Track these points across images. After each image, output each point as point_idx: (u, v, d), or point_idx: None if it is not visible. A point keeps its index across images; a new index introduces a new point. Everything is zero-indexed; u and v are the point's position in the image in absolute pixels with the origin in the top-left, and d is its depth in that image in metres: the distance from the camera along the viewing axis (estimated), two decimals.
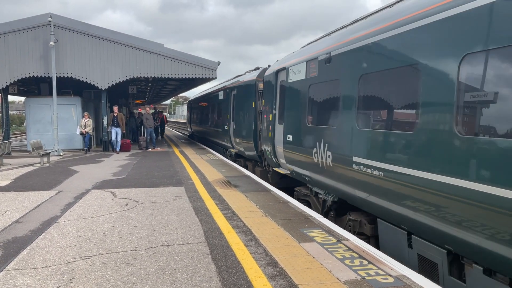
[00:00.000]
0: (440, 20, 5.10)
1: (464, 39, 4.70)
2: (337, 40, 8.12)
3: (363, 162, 6.61)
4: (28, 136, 22.00)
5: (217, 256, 5.54)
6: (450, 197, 4.80)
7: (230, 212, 7.97)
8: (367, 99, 6.96)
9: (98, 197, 9.58)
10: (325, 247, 5.80)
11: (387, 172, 5.98)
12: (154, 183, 11.48)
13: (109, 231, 6.78)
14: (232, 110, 18.14)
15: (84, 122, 20.96)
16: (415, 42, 5.59)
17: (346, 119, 7.35)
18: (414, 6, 5.82)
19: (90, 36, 21.00)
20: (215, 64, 22.19)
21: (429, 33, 5.29)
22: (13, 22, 20.60)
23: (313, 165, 8.68)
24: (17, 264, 5.37)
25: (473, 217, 4.53)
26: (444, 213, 4.96)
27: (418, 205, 5.41)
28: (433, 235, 5.33)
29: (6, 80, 20.39)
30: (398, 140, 5.90)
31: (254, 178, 12.26)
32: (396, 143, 5.96)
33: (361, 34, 7.03)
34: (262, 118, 13.42)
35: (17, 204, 8.98)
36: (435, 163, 5.06)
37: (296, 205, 8.50)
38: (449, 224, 4.90)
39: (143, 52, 21.39)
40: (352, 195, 7.25)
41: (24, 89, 27.60)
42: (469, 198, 4.53)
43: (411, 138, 5.57)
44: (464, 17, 4.70)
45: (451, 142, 4.83)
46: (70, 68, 20.88)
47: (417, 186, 5.36)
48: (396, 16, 6.19)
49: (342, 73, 7.66)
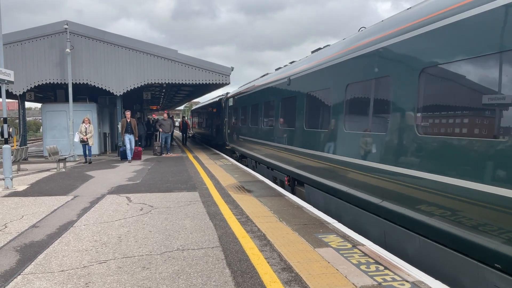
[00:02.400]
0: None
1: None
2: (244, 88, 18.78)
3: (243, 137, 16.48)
4: (44, 142, 22.27)
5: (232, 261, 5.53)
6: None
7: (244, 217, 7.96)
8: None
9: (113, 202, 9.65)
10: (340, 252, 5.76)
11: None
12: (168, 188, 11.54)
13: (125, 236, 6.82)
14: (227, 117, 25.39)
15: (84, 128, 18.45)
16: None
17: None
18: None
19: (105, 43, 21.27)
20: (228, 69, 22.29)
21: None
22: (30, 29, 20.97)
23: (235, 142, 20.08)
24: (34, 268, 5.43)
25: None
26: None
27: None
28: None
29: (23, 86, 20.74)
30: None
31: (268, 183, 12.26)
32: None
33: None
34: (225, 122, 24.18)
35: (34, 208, 9.09)
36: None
37: (310, 210, 8.46)
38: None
39: (158, 58, 21.58)
40: (239, 150, 18.31)
41: (41, 96, 28.02)
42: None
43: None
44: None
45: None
46: (85, 74, 21.15)
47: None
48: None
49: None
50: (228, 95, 23.94)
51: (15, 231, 7.24)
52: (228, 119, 23.34)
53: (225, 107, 24.58)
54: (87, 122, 18.58)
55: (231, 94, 23.07)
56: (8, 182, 11.84)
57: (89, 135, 18.44)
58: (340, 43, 9.37)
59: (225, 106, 24.31)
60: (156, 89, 29.85)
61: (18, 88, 20.44)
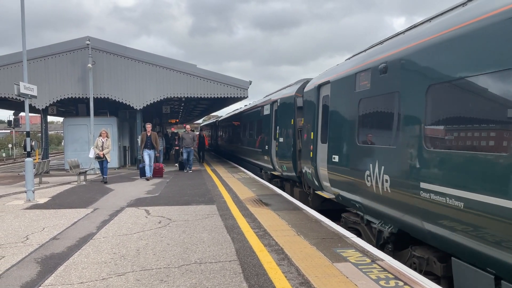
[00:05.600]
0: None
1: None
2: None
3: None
4: (65, 155, 22.64)
5: (249, 274, 5.51)
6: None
7: (262, 230, 7.94)
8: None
9: (132, 215, 9.74)
10: (359, 267, 5.69)
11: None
12: (186, 201, 11.59)
13: (143, 248, 6.86)
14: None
15: (101, 142, 16.09)
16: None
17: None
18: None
19: (126, 58, 21.65)
20: (246, 83, 22.43)
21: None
22: (53, 45, 21.53)
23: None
24: (54, 279, 5.49)
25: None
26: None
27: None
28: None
29: (46, 101, 21.21)
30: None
31: (286, 196, 12.21)
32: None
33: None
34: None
35: (54, 221, 9.22)
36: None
37: (328, 224, 8.39)
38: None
39: (177, 73, 21.85)
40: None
41: (63, 110, 28.58)
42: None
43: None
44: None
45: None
46: (106, 89, 21.53)
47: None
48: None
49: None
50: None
51: (36, 243, 7.35)
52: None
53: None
54: (104, 136, 16.24)
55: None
56: (30, 195, 12.06)
57: (105, 150, 16.01)
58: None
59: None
60: (175, 103, 30.17)
61: (41, 102, 20.89)
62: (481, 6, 5.19)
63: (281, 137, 15.22)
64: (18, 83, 11.92)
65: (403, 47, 6.81)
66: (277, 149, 15.58)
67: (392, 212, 6.86)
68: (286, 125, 14.73)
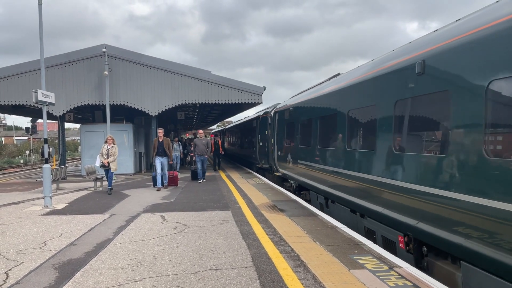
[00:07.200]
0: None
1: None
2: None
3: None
4: (82, 161, 22.90)
5: (265, 281, 5.49)
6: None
7: (278, 236, 7.91)
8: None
9: (148, 221, 9.79)
10: (376, 275, 5.63)
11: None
12: (201, 207, 11.62)
13: (159, 254, 6.89)
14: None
15: (106, 150, 14.89)
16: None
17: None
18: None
19: (141, 65, 21.89)
20: (260, 89, 22.48)
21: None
22: (70, 53, 21.86)
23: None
24: (71, 285, 5.54)
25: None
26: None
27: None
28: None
29: (63, 108, 21.53)
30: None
31: (301, 202, 12.16)
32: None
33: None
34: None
35: (72, 227, 9.31)
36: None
37: (345, 231, 8.33)
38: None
39: (192, 79, 22.01)
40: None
41: (79, 117, 28.96)
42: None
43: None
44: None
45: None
46: (122, 96, 21.77)
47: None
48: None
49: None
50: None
51: (54, 248, 7.43)
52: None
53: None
54: (110, 142, 15.04)
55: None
56: (48, 201, 12.21)
57: (111, 158, 14.78)
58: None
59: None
60: (189, 109, 30.36)
61: (58, 109, 21.22)
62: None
63: (261, 142, 22.83)
64: (36, 91, 12.11)
65: (302, 99, 14.64)
66: (259, 149, 23.21)
67: (294, 176, 15.32)
68: (263, 134, 22.20)
